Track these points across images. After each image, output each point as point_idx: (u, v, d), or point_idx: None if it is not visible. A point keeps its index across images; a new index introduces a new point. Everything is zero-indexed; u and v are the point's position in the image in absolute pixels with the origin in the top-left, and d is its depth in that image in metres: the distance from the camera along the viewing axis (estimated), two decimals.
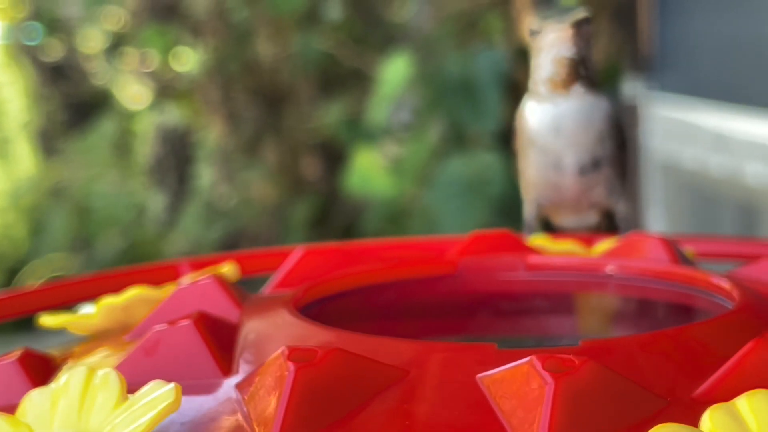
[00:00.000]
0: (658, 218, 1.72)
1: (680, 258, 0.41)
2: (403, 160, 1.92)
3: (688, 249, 0.46)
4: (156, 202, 2.27)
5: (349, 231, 2.12)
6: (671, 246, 0.42)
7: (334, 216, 2.14)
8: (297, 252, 0.43)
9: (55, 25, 2.39)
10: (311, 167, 2.16)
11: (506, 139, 1.97)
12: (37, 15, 2.44)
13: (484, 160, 1.87)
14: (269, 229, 2.14)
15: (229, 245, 2.16)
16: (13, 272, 2.58)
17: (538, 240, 0.46)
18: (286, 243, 2.15)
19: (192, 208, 2.18)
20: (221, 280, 0.39)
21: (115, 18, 2.30)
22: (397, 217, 1.97)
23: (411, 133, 1.94)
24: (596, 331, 0.42)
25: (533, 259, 0.42)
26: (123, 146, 2.42)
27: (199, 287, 0.39)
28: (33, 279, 2.50)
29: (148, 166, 2.23)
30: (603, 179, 0.51)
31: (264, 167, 2.13)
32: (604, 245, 0.45)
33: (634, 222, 1.76)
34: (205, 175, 2.17)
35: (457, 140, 1.92)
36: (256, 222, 2.14)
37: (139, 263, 2.34)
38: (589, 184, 0.51)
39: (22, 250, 2.61)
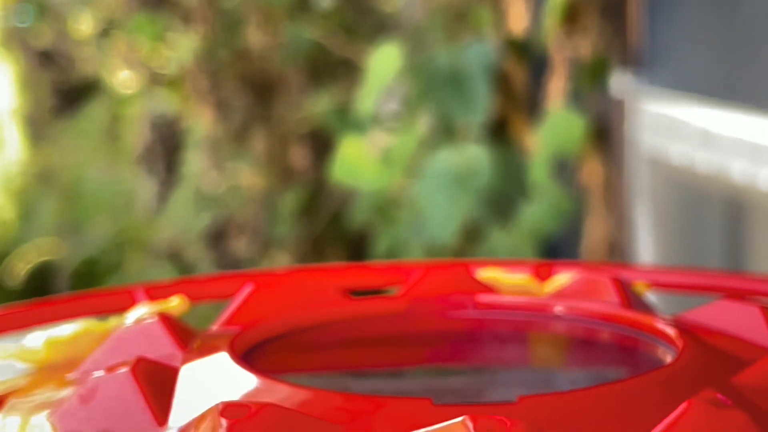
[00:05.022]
0: (644, 213, 1.72)
1: (631, 299, 0.41)
2: (391, 151, 1.92)
3: (641, 282, 0.46)
4: (145, 188, 2.27)
5: (337, 220, 2.12)
6: (622, 287, 0.42)
7: (322, 205, 2.15)
8: (247, 287, 0.43)
9: (45, 11, 2.39)
10: (300, 156, 2.16)
11: (495, 131, 1.97)
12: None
13: (473, 152, 1.87)
14: (257, 218, 2.15)
15: (216, 233, 2.16)
16: (2, 256, 2.58)
17: (491, 273, 0.46)
18: (274, 231, 2.15)
19: (180, 195, 2.18)
20: (167, 320, 0.39)
21: (105, 3, 2.29)
22: (385, 207, 1.98)
23: (400, 124, 1.94)
24: (540, 372, 0.42)
25: (482, 298, 0.42)
26: (112, 132, 2.42)
27: (143, 328, 0.39)
28: (22, 263, 2.51)
29: (137, 152, 2.23)
30: None
31: (252, 156, 2.13)
32: (558, 281, 0.45)
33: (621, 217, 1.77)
34: (194, 163, 2.17)
35: (445, 131, 1.92)
36: (244, 210, 2.14)
37: (127, 249, 2.34)
38: None
39: (11, 233, 2.61)
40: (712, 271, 0.49)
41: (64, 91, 2.50)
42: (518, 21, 1.93)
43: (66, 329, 0.43)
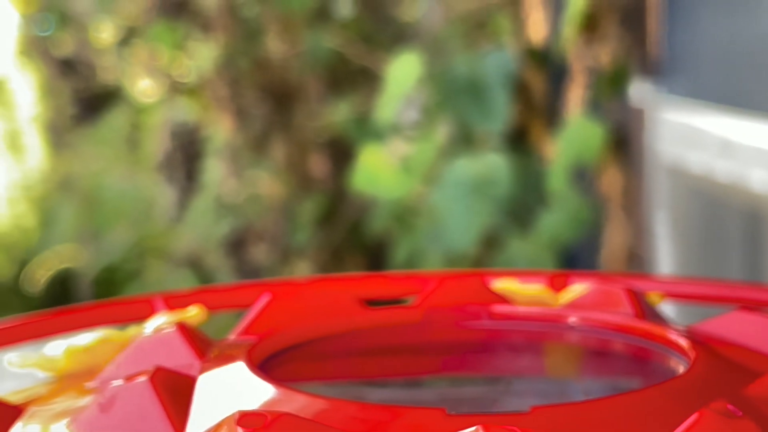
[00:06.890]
0: (663, 222, 1.72)
1: (645, 310, 0.42)
2: (410, 159, 1.93)
3: (655, 293, 0.46)
4: (165, 196, 2.28)
5: (356, 228, 2.13)
6: (636, 298, 0.42)
7: (341, 213, 2.15)
8: (264, 297, 0.44)
9: (66, 20, 2.40)
10: (319, 165, 2.17)
11: (514, 140, 1.97)
12: (50, 7, 2.46)
13: (492, 161, 1.87)
14: (276, 226, 2.15)
15: (236, 241, 2.17)
16: (23, 263, 2.59)
17: (506, 284, 0.46)
18: (293, 240, 2.16)
19: (200, 203, 2.19)
20: (185, 330, 0.40)
21: (125, 12, 2.31)
22: (404, 216, 1.98)
23: (419, 132, 1.94)
24: (553, 382, 0.43)
25: (497, 308, 0.42)
26: (132, 140, 2.43)
27: (161, 338, 0.39)
28: (42, 270, 2.52)
29: (157, 160, 2.24)
30: None
31: (272, 164, 2.14)
32: (572, 292, 0.46)
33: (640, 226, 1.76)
34: (214, 171, 2.18)
35: (464, 140, 1.92)
36: (264, 218, 2.15)
37: (147, 257, 2.35)
38: None
39: (32, 240, 2.63)
40: (727, 281, 0.49)
41: (84, 100, 2.51)
42: (537, 30, 1.93)
43: (86, 338, 0.43)
